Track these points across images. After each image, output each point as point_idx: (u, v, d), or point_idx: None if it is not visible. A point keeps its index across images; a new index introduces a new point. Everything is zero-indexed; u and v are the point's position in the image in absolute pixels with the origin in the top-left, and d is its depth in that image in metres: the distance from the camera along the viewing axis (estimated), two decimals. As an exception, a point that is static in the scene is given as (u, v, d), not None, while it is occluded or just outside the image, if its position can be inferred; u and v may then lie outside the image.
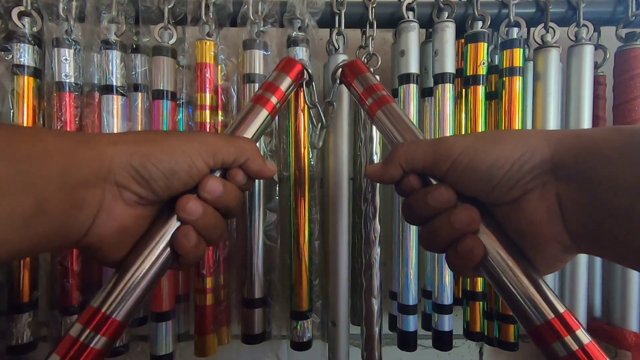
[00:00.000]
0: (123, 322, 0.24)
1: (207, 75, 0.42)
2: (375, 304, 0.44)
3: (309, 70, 0.36)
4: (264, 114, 0.31)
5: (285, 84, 0.34)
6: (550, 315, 0.22)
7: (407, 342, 0.46)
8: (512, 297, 0.23)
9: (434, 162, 0.26)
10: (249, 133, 0.30)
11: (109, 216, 0.24)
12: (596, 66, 0.47)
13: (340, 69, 0.37)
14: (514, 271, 0.23)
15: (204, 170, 0.26)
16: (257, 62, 0.42)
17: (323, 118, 0.41)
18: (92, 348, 0.23)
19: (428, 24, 0.45)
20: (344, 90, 0.44)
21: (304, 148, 0.43)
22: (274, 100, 0.32)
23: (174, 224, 0.26)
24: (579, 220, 0.22)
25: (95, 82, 0.42)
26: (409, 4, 0.43)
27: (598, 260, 0.48)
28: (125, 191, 0.24)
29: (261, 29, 0.43)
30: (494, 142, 0.24)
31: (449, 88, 0.43)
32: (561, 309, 0.22)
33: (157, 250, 0.25)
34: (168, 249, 0.26)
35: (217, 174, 0.27)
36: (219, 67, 0.44)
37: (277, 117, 0.45)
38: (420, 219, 0.27)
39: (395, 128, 0.30)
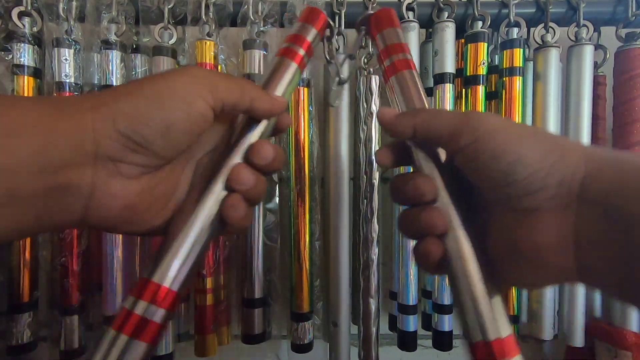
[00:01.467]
0: (179, 293, 0.23)
1: (207, 75, 0.42)
2: (373, 303, 0.43)
3: (331, 22, 0.33)
4: (293, 67, 0.29)
5: (311, 35, 0.31)
6: (491, 336, 0.21)
7: (407, 342, 0.46)
8: (461, 306, 0.22)
9: (453, 133, 0.22)
10: (280, 89, 0.28)
11: (108, 196, 0.21)
12: (596, 66, 0.47)
13: (367, 18, 0.32)
14: (470, 283, 0.22)
15: (206, 112, 0.22)
16: (257, 62, 0.42)
17: (340, 72, 0.38)
18: (152, 321, 0.22)
19: (428, 24, 0.45)
20: (344, 89, 0.44)
21: (304, 148, 0.43)
22: (301, 52, 0.29)
23: (219, 192, 0.23)
24: (598, 259, 0.19)
25: (95, 82, 0.42)
26: (409, 4, 0.43)
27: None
28: (122, 165, 0.20)
29: (261, 29, 0.43)
30: (531, 136, 0.21)
31: (449, 88, 0.43)
32: (504, 333, 0.21)
33: (206, 221, 0.23)
34: (215, 218, 0.23)
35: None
36: (219, 67, 0.44)
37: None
38: (402, 202, 0.25)
39: (405, 100, 0.27)
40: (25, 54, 0.40)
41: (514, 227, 0.21)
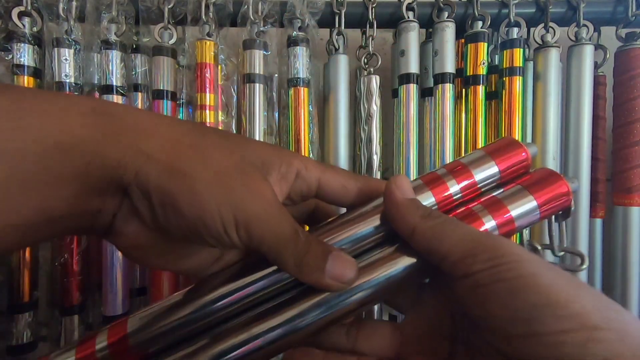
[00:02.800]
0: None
1: (207, 75, 0.42)
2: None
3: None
4: None
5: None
6: None
7: (407, 342, 0.46)
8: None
9: (468, 252, 0.17)
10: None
11: (126, 227, 0.19)
12: (596, 66, 0.47)
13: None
14: None
15: (237, 244, 0.19)
16: (257, 62, 0.42)
17: None
18: None
19: (428, 24, 0.45)
20: (343, 89, 0.44)
21: (304, 148, 0.43)
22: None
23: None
24: None
25: (95, 82, 0.42)
26: (409, 4, 0.43)
27: (598, 260, 0.48)
28: (140, 213, 0.19)
29: (261, 29, 0.43)
30: (580, 286, 0.16)
31: (449, 88, 0.43)
32: None
33: None
34: None
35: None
36: (219, 67, 0.44)
37: (277, 116, 0.45)
38: None
39: None
40: (25, 54, 0.40)
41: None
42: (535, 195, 0.22)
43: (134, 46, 0.43)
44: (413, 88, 0.43)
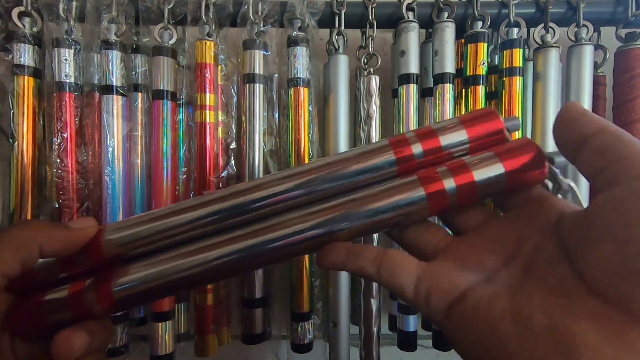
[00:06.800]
0: None
1: (207, 75, 0.42)
2: (374, 303, 0.43)
3: None
4: None
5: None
6: None
7: (407, 342, 0.46)
8: None
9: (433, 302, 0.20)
10: None
11: None
12: (596, 66, 0.47)
13: None
14: None
15: None
16: (257, 62, 0.42)
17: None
18: None
19: (428, 24, 0.45)
20: (343, 89, 0.44)
21: (304, 148, 0.43)
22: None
23: None
24: None
25: (95, 82, 0.42)
26: (409, 4, 0.43)
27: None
28: None
29: (261, 29, 0.43)
30: None
31: (449, 88, 0.43)
32: None
33: None
34: None
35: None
36: (219, 67, 0.44)
37: (277, 116, 0.45)
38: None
39: None
40: (25, 54, 0.40)
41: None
42: (503, 159, 0.23)
43: (134, 46, 0.43)
44: (413, 88, 0.43)
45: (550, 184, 0.24)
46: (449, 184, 0.22)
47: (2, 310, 0.22)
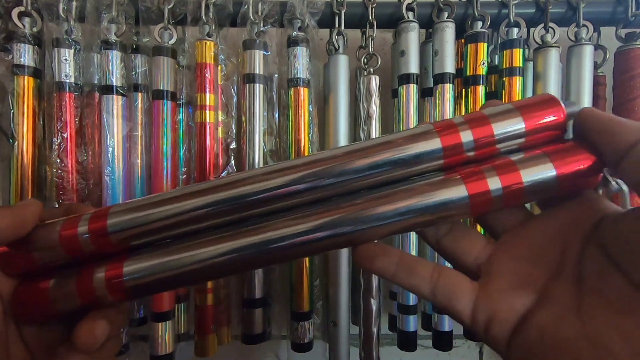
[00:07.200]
0: None
1: (207, 75, 0.42)
2: (374, 304, 0.43)
3: None
4: None
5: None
6: None
7: (407, 342, 0.46)
8: None
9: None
10: None
11: None
12: (596, 66, 0.47)
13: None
14: None
15: None
16: (257, 62, 0.42)
17: None
18: None
19: (428, 24, 0.45)
20: (343, 89, 0.44)
21: (304, 148, 0.43)
22: None
23: None
24: None
25: (95, 82, 0.42)
26: (409, 4, 0.43)
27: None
28: None
29: (261, 29, 0.43)
30: None
31: (448, 88, 0.43)
32: None
33: None
34: None
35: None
36: (219, 67, 0.44)
37: (277, 116, 0.45)
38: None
39: None
40: (25, 54, 0.40)
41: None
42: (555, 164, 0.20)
43: (134, 46, 0.43)
44: (413, 88, 0.43)
45: None
46: (494, 184, 0.20)
47: (3, 296, 0.22)
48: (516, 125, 0.20)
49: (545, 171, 0.20)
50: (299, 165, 0.21)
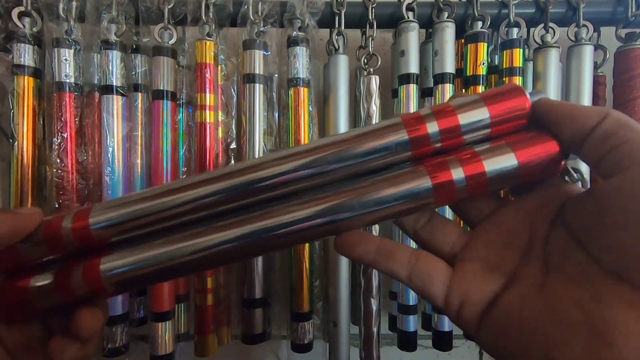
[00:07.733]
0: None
1: (207, 75, 0.42)
2: (374, 304, 0.43)
3: None
4: None
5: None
6: None
7: (407, 342, 0.46)
8: None
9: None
10: None
11: None
12: (596, 66, 0.46)
13: None
14: None
15: None
16: (257, 62, 0.42)
17: None
18: None
19: (428, 24, 0.45)
20: (343, 89, 0.44)
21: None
22: None
23: None
24: None
25: (95, 82, 0.42)
26: (409, 4, 0.43)
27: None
28: None
29: (261, 29, 0.43)
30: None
31: (448, 88, 0.43)
32: None
33: None
34: None
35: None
36: (219, 67, 0.44)
37: (277, 116, 0.45)
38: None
39: None
40: (25, 54, 0.40)
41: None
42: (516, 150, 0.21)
43: (134, 46, 0.43)
44: (413, 88, 0.43)
45: None
46: (458, 174, 0.21)
47: None
48: (481, 115, 0.21)
49: (508, 161, 0.21)
50: (283, 156, 0.22)
